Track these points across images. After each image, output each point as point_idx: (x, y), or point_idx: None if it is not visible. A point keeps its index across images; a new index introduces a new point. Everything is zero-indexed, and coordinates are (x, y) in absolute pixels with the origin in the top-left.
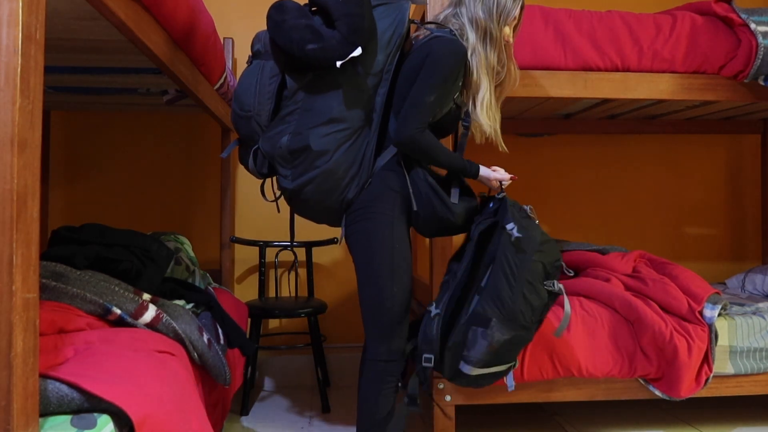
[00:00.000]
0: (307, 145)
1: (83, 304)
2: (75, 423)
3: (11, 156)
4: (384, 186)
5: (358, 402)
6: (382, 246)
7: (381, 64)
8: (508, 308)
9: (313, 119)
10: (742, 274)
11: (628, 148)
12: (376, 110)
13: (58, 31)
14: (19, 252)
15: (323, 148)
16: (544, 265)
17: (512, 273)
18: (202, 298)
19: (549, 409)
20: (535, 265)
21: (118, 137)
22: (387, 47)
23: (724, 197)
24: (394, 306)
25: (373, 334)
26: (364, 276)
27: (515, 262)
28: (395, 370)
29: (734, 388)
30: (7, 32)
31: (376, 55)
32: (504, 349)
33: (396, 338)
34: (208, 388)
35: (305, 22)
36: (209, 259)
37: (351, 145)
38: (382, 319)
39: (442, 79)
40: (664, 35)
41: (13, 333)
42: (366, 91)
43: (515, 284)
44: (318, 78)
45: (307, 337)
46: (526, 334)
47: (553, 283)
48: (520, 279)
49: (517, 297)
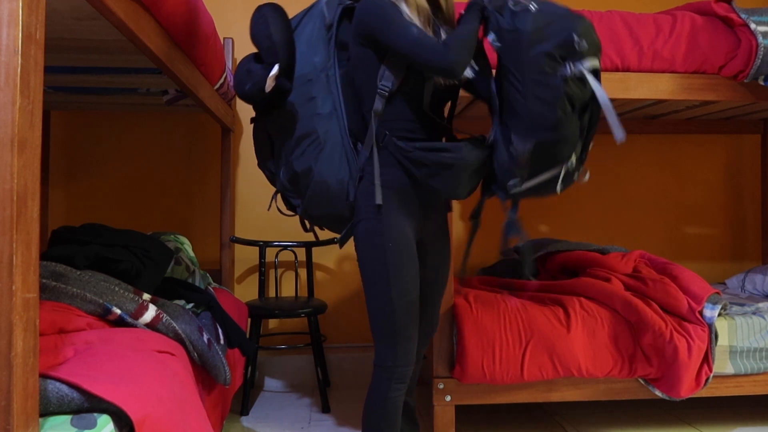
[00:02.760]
0: (295, 172)
1: (83, 304)
2: (75, 423)
3: (11, 156)
4: (370, 181)
5: (363, 408)
6: (373, 248)
7: (322, 62)
8: (523, 115)
9: (289, 146)
10: (742, 274)
11: (628, 148)
12: (337, 105)
13: (58, 31)
14: (19, 252)
15: (305, 166)
16: (548, 53)
17: (517, 79)
18: (202, 298)
19: (549, 409)
20: (534, 59)
21: (118, 137)
22: (318, 45)
23: (724, 197)
24: (395, 311)
25: (377, 339)
26: (363, 280)
27: (514, 66)
28: (403, 377)
29: (734, 388)
30: (7, 32)
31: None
32: (538, 157)
33: (402, 343)
34: (208, 388)
35: (245, 66)
36: (209, 259)
37: (327, 151)
38: (384, 324)
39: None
40: (664, 35)
41: (13, 333)
42: (319, 95)
43: (522, 88)
44: (277, 110)
45: (307, 337)
46: (557, 134)
47: (567, 67)
48: (524, 82)
49: (528, 100)
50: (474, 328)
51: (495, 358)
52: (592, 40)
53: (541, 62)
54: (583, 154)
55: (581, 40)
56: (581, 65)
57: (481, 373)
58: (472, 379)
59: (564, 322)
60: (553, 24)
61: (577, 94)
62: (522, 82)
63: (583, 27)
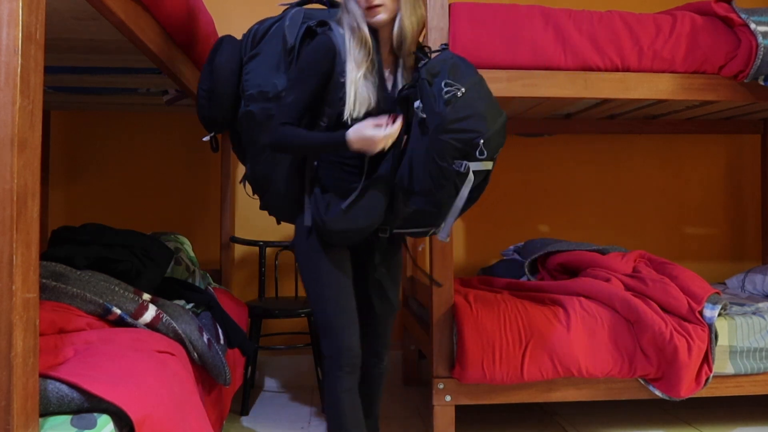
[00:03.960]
0: (255, 175)
1: (83, 304)
2: (75, 423)
3: (11, 156)
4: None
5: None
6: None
7: (283, 85)
8: (415, 179)
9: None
10: (742, 274)
11: (628, 148)
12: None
13: (58, 31)
14: (19, 252)
15: (264, 173)
16: (452, 145)
17: (422, 146)
18: (202, 298)
19: (549, 409)
20: (440, 143)
21: (118, 137)
22: (280, 67)
23: (724, 197)
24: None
25: (320, 333)
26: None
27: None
28: (346, 365)
29: (734, 388)
30: (7, 32)
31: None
32: (414, 215)
33: (335, 335)
34: (208, 388)
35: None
36: (209, 259)
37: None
38: (322, 320)
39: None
40: (664, 35)
41: (13, 333)
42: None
43: (423, 158)
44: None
45: (307, 337)
46: (436, 209)
47: (462, 164)
48: (427, 154)
49: (423, 171)
50: (474, 328)
51: (495, 358)
52: (497, 144)
53: (445, 149)
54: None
55: (483, 149)
56: (475, 166)
57: (481, 373)
58: (471, 379)
59: (564, 322)
60: (468, 120)
61: (461, 185)
62: (426, 153)
63: (493, 131)
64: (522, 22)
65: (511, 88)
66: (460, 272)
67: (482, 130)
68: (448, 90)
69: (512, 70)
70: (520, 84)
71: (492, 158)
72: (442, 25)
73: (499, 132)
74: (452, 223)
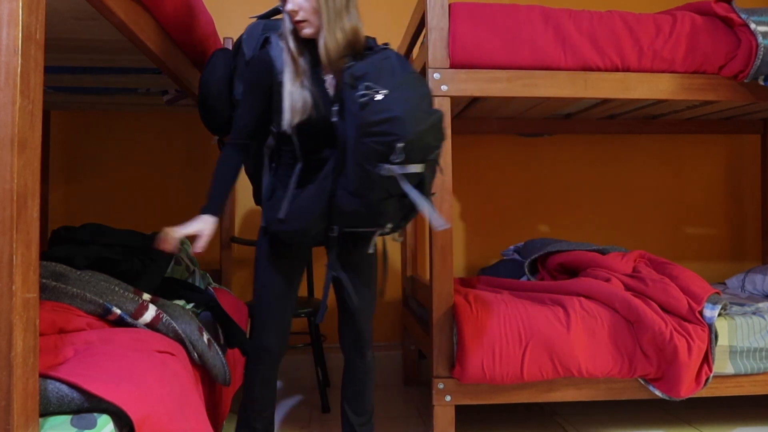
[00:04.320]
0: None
1: (83, 304)
2: (75, 423)
3: (11, 156)
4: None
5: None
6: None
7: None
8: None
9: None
10: (742, 274)
11: (628, 148)
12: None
13: (58, 31)
14: (19, 252)
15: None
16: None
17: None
18: (202, 298)
19: (549, 409)
20: (363, 146)
21: (118, 137)
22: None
23: (724, 197)
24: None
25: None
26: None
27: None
28: (263, 354)
29: (734, 388)
30: (7, 32)
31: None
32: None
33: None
34: (208, 388)
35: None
36: (209, 259)
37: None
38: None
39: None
40: (664, 35)
41: (13, 333)
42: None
43: (350, 162)
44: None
45: (307, 337)
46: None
47: (382, 167)
48: (354, 157)
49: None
50: (474, 328)
51: (495, 358)
52: (424, 145)
53: (367, 152)
54: (402, 223)
55: (402, 152)
56: (399, 169)
57: (481, 373)
58: (472, 379)
59: (564, 322)
60: (386, 123)
61: (393, 187)
62: (353, 156)
63: (416, 133)
64: (522, 22)
65: (511, 88)
66: (460, 272)
67: (400, 133)
68: (365, 94)
69: (512, 70)
70: (520, 84)
71: (424, 161)
72: (442, 25)
73: (426, 133)
74: (433, 212)
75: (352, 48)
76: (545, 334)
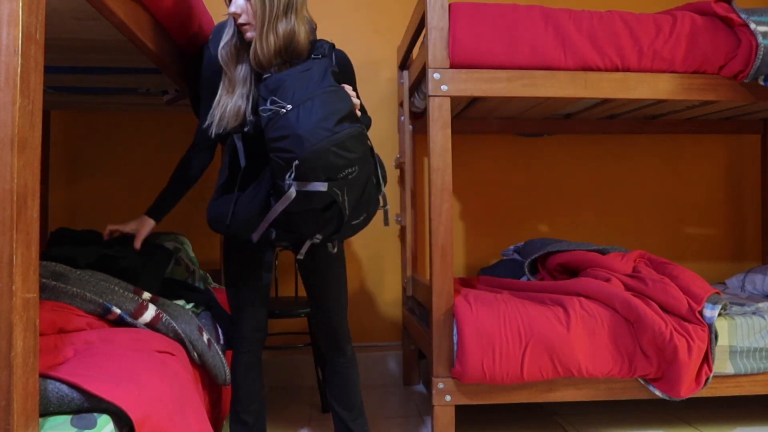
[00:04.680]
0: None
1: (83, 304)
2: (75, 423)
3: (11, 156)
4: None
5: None
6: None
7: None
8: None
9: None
10: (742, 274)
11: (628, 148)
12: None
13: (58, 31)
14: (19, 252)
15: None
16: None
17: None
18: (202, 298)
19: (549, 409)
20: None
21: (118, 137)
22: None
23: (724, 197)
24: (229, 295)
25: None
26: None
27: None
28: (242, 342)
29: (734, 388)
30: (7, 32)
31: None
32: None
33: (234, 322)
34: (208, 388)
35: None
36: (209, 259)
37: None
38: (231, 302)
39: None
40: (664, 35)
41: (13, 333)
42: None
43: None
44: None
45: (307, 337)
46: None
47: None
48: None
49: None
50: (474, 328)
51: (495, 358)
52: (325, 164)
53: (274, 166)
54: (334, 236)
55: (296, 170)
56: (298, 186)
57: (481, 373)
58: (472, 379)
59: (564, 322)
60: (285, 140)
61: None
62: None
63: (311, 153)
64: (522, 22)
65: (510, 88)
66: (460, 272)
67: (297, 150)
68: (269, 108)
69: (512, 70)
70: (520, 84)
71: (331, 179)
72: (442, 25)
73: (326, 152)
74: (264, 225)
75: (286, 53)
76: (545, 334)
